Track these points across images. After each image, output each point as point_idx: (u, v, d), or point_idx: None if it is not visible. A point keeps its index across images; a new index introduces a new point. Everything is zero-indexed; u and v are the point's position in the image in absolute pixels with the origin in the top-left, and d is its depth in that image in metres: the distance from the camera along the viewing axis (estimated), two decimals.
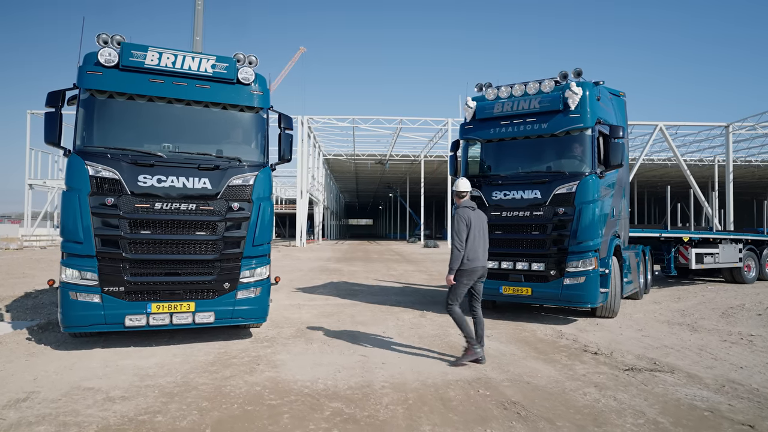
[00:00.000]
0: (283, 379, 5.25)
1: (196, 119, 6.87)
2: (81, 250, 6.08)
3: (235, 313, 6.66)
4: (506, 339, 7.23)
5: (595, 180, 8.07)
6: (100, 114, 6.43)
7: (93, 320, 6.09)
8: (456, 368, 5.66)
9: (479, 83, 9.25)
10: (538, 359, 6.11)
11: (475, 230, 6.01)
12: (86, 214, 6.07)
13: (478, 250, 5.99)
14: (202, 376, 5.30)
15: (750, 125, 39.68)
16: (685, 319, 8.88)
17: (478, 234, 6.05)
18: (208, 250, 6.53)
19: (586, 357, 6.23)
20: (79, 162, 6.11)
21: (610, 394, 4.82)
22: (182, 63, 6.57)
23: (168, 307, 6.34)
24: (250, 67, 6.94)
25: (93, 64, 6.28)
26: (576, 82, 8.19)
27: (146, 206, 6.27)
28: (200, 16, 35.23)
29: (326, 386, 5.05)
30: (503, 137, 8.81)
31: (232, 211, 6.60)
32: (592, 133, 8.15)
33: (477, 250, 5.98)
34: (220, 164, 6.61)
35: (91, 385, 4.96)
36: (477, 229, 6.04)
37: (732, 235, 14.40)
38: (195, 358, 5.99)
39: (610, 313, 8.77)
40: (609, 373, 5.50)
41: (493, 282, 8.61)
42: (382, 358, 6.11)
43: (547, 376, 5.41)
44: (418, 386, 5.06)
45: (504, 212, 8.61)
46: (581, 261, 7.98)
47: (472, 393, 4.86)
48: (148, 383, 5.05)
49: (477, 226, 6.07)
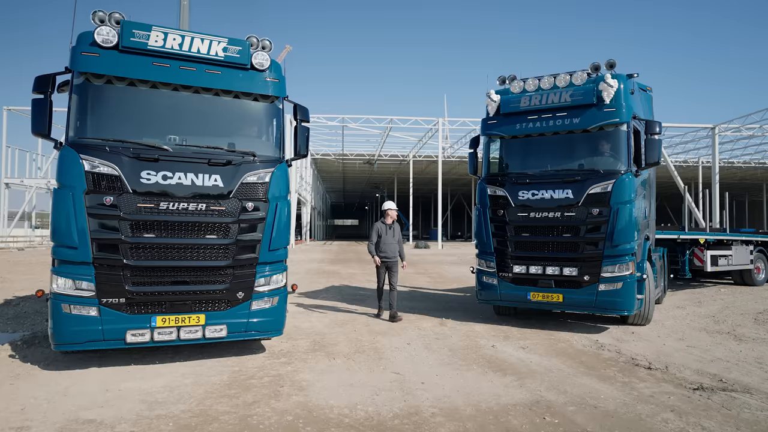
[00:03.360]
0: (315, 405, 4.56)
1: (205, 109, 6.14)
2: (75, 257, 5.31)
3: (250, 326, 5.95)
4: (544, 351, 6.64)
5: (632, 179, 7.52)
6: (96, 101, 5.66)
7: (89, 336, 5.32)
8: (508, 389, 5.03)
9: (502, 76, 8.66)
10: (590, 376, 5.53)
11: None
12: (81, 215, 5.30)
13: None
14: (221, 403, 4.59)
15: (735, 127, 39.95)
16: (721, 326, 8.39)
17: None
18: (219, 255, 5.81)
19: (641, 372, 5.66)
20: (73, 156, 5.34)
21: (694, 421, 4.24)
22: (190, 45, 5.83)
23: (175, 320, 5.61)
24: (263, 51, 6.23)
25: (88, 45, 5.50)
26: (611, 75, 7.65)
27: (150, 206, 5.53)
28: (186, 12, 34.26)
29: (368, 414, 4.38)
30: (530, 133, 8.21)
31: (246, 211, 5.90)
32: (627, 128, 7.61)
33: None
34: (232, 159, 5.89)
35: (92, 417, 4.22)
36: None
37: (744, 237, 14.08)
38: (208, 379, 5.27)
39: (643, 321, 8.25)
40: (678, 394, 4.93)
41: (520, 288, 8.05)
42: (419, 376, 5.46)
43: (611, 397, 4.82)
44: (473, 412, 4.43)
45: (532, 213, 8.02)
46: (618, 266, 7.42)
47: (538, 421, 4.24)
48: (159, 413, 4.33)
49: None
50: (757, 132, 40.44)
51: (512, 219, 8.17)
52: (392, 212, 9.04)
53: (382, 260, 8.85)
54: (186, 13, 38.90)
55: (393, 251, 8.88)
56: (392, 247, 8.88)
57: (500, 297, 8.29)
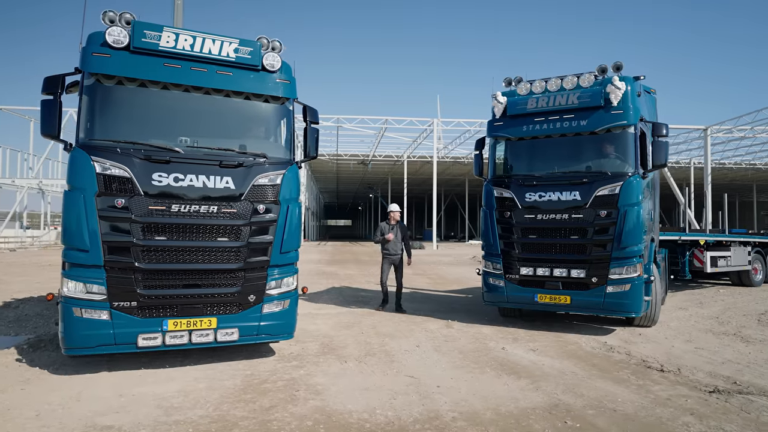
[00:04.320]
0: (333, 410, 4.52)
1: (215, 110, 6.08)
2: (86, 260, 5.24)
3: (261, 330, 5.90)
4: (554, 353, 6.63)
5: (639, 181, 7.55)
6: (107, 102, 5.59)
7: (101, 340, 5.25)
8: (525, 393, 5.02)
9: (508, 78, 8.66)
10: (604, 378, 5.53)
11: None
12: (93, 217, 5.23)
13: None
14: (238, 408, 4.54)
15: (727, 128, 40.30)
16: (726, 327, 8.44)
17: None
18: (231, 258, 5.76)
19: (654, 375, 5.67)
20: (84, 158, 5.27)
21: (715, 425, 4.25)
22: (201, 46, 5.77)
23: (186, 323, 5.54)
24: (273, 52, 6.18)
25: (99, 45, 5.43)
26: (618, 77, 7.67)
27: (162, 208, 5.46)
28: (180, 11, 34.02)
29: (388, 419, 4.35)
30: (537, 134, 8.22)
31: (257, 213, 5.84)
32: (635, 130, 7.63)
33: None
34: (243, 161, 5.84)
35: (109, 423, 4.16)
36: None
37: (742, 238, 14.19)
38: (221, 383, 5.21)
39: (649, 322, 8.28)
40: (695, 397, 4.94)
41: (527, 290, 8.05)
42: (433, 379, 5.44)
43: (629, 400, 4.81)
44: (494, 416, 4.41)
45: (539, 215, 8.02)
46: (626, 267, 7.44)
47: (560, 425, 4.23)
48: (177, 418, 4.27)
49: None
50: (749, 133, 40.80)
51: (519, 221, 8.17)
52: (395, 213, 9.84)
53: (387, 257, 9.72)
54: (180, 12, 38.58)
55: (396, 249, 9.71)
56: (396, 246, 9.68)
57: (507, 299, 8.29)
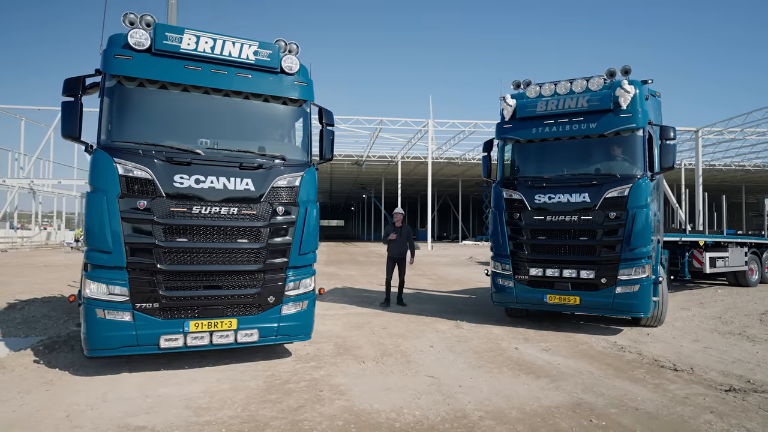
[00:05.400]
0: (361, 410, 4.58)
1: (234, 112, 6.11)
2: (109, 261, 5.25)
3: (280, 330, 5.94)
4: (567, 353, 6.73)
5: (647, 183, 7.67)
6: (128, 104, 5.60)
7: (123, 341, 5.27)
8: (546, 392, 5.10)
9: (516, 80, 8.77)
10: (620, 378, 5.62)
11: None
12: (115, 218, 5.24)
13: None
14: (266, 408, 4.58)
15: (718, 130, 40.82)
16: (730, 327, 8.60)
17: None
18: (251, 259, 5.79)
19: (668, 374, 5.78)
20: (107, 159, 5.28)
21: (736, 422, 4.35)
22: (222, 48, 5.80)
23: (207, 324, 5.57)
24: (291, 55, 6.23)
25: (121, 47, 5.45)
26: (627, 81, 7.79)
27: (183, 210, 5.48)
28: (173, 11, 33.88)
29: (416, 418, 4.41)
30: (546, 137, 8.32)
31: (276, 215, 5.88)
32: (643, 133, 7.76)
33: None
34: (263, 163, 5.87)
35: (142, 423, 4.18)
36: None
37: (739, 239, 14.42)
38: (245, 384, 5.24)
39: (656, 322, 8.41)
40: (712, 395, 5.05)
41: (536, 291, 8.15)
42: (453, 379, 5.50)
43: (648, 399, 4.91)
44: (519, 415, 4.48)
45: (549, 216, 8.13)
46: (634, 268, 7.56)
47: (586, 423, 4.32)
48: (208, 419, 4.30)
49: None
50: (739, 135, 41.34)
51: (528, 222, 8.27)
52: (397, 215, 10.86)
53: (391, 256, 10.51)
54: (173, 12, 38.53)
55: (399, 249, 10.48)
56: (400, 246, 10.45)
57: (516, 299, 8.39)
